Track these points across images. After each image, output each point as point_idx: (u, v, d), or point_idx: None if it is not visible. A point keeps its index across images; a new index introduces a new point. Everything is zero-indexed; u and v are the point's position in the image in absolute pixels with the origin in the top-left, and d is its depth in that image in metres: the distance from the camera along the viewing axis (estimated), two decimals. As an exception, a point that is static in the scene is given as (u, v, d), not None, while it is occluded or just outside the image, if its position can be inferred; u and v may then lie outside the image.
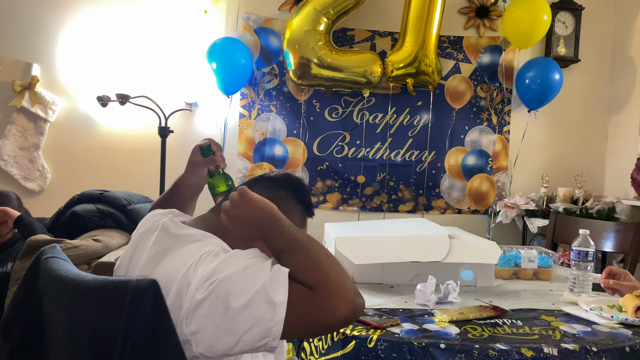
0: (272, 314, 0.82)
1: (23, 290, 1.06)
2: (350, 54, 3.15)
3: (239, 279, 0.84)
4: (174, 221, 1.05)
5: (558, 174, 3.41)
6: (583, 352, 1.19)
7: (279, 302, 0.83)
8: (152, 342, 0.79)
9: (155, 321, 0.79)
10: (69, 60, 3.19)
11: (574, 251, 1.71)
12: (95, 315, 0.86)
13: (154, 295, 0.80)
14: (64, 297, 0.94)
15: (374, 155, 3.39)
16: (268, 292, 0.83)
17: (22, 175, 3.16)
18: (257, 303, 0.83)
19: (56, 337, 0.96)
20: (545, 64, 3.23)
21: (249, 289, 0.83)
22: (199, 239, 0.98)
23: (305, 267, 0.88)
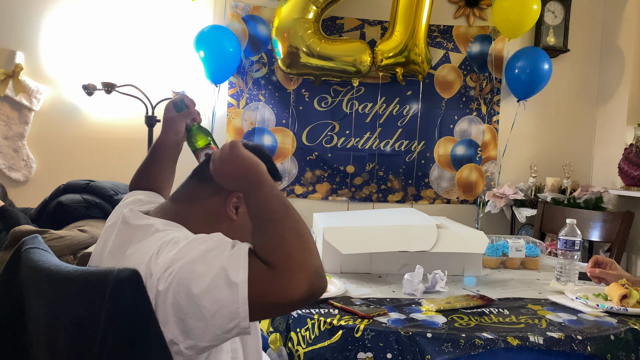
0: (235, 295, 0.81)
1: (4, 281, 1.04)
2: (340, 43, 3.13)
3: (198, 264, 0.83)
4: (134, 211, 1.03)
5: (546, 164, 3.42)
6: (568, 340, 1.20)
7: (240, 282, 0.81)
8: (134, 333, 0.78)
9: (137, 312, 0.78)
10: (53, 48, 3.14)
11: (560, 240, 1.72)
12: (76, 306, 0.85)
13: (136, 286, 0.79)
14: (44, 288, 0.92)
15: (363, 145, 3.37)
16: (227, 273, 0.81)
17: (7, 165, 3.11)
18: (218, 285, 0.81)
19: (37, 328, 0.94)
20: (534, 53, 3.23)
21: (208, 272, 0.82)
22: (160, 228, 0.96)
23: (269, 242, 0.85)
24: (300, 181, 3.36)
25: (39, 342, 0.94)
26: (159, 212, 1.05)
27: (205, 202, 1.04)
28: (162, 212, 1.05)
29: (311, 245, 0.88)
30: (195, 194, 1.05)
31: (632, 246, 3.16)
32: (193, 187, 1.07)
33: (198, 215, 1.03)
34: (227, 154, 0.96)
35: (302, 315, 1.31)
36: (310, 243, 0.88)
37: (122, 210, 1.12)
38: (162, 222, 0.98)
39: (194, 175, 1.09)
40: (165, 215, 1.03)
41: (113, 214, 1.18)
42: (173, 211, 1.04)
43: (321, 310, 1.34)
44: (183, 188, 1.08)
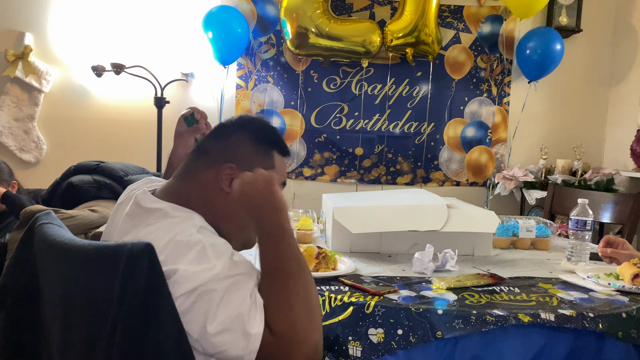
0: (246, 344, 0.83)
1: (18, 256, 1.06)
2: (349, 23, 3.10)
3: (220, 303, 0.83)
4: (146, 193, 1.02)
5: (557, 146, 3.39)
6: (580, 317, 1.19)
7: (254, 334, 0.83)
8: (147, 305, 0.78)
9: (150, 284, 0.79)
10: (62, 29, 3.13)
11: (572, 220, 1.71)
12: (90, 279, 0.85)
13: (149, 259, 0.79)
14: (58, 262, 0.93)
15: (372, 127, 3.36)
16: (244, 322, 0.83)
17: (18, 146, 3.13)
18: (233, 329, 0.82)
19: (51, 302, 0.96)
20: (546, 34, 3.18)
21: (227, 313, 0.82)
22: (170, 214, 0.95)
23: (276, 309, 0.86)
24: (309, 163, 3.36)
25: (54, 317, 0.96)
26: (163, 192, 1.04)
27: (202, 175, 1.02)
28: (166, 191, 1.04)
29: (317, 315, 0.88)
30: (193, 169, 1.04)
31: (643, 228, 3.14)
32: (192, 160, 1.05)
33: (195, 192, 1.01)
34: (262, 188, 0.94)
35: (312, 293, 1.31)
36: (316, 313, 0.88)
37: (133, 188, 1.13)
38: (170, 206, 0.98)
39: (194, 150, 1.08)
40: (169, 196, 1.02)
41: (124, 193, 1.18)
42: (175, 189, 1.03)
43: (332, 287, 1.34)
44: (185, 164, 1.07)
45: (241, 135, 1.04)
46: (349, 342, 1.20)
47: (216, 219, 1.00)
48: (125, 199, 1.12)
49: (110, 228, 1.10)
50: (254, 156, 1.03)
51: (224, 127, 1.07)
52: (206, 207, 0.99)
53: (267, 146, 1.06)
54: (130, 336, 0.78)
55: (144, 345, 0.79)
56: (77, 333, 0.87)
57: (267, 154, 1.06)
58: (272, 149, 1.07)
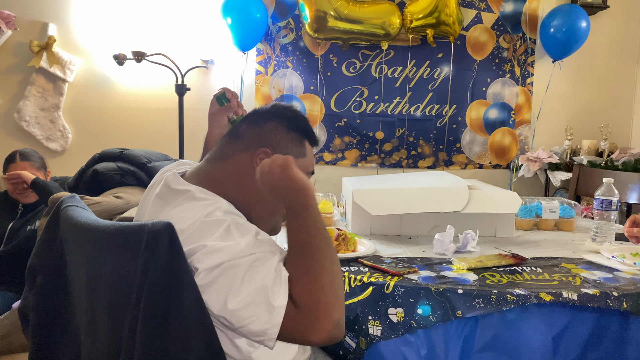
0: (270, 316, 0.83)
1: (45, 238, 1.09)
2: (368, 5, 3.07)
3: (243, 277, 0.84)
4: (176, 176, 1.05)
5: (583, 126, 3.32)
6: (603, 296, 1.18)
7: (278, 306, 0.83)
8: (169, 281, 0.80)
9: (172, 262, 0.80)
10: (84, 19, 3.17)
11: (597, 200, 1.67)
12: (113, 258, 0.88)
13: (170, 237, 0.81)
14: (83, 243, 0.96)
15: (392, 111, 3.33)
16: (268, 294, 0.83)
17: (44, 135, 3.20)
18: (257, 302, 0.83)
19: (78, 281, 0.98)
20: (571, 11, 3.10)
21: (250, 288, 0.83)
22: (197, 196, 0.97)
23: (302, 282, 0.86)
24: (329, 148, 3.36)
25: (80, 296, 0.98)
26: (193, 175, 1.06)
27: (235, 159, 1.04)
28: (196, 174, 1.06)
29: (340, 291, 0.88)
30: (226, 152, 1.05)
31: (672, 209, 3.06)
32: (225, 144, 1.07)
33: (227, 175, 1.03)
34: (278, 173, 0.94)
35: (332, 273, 1.32)
36: (340, 289, 0.88)
37: (165, 172, 1.15)
38: (199, 189, 0.99)
39: (228, 133, 1.09)
40: (199, 178, 1.04)
41: (157, 175, 1.20)
42: (206, 172, 1.05)
43: (351, 268, 1.35)
44: (217, 147, 1.08)
45: (276, 121, 1.06)
46: (368, 322, 1.21)
47: (247, 203, 1.01)
48: (157, 181, 1.14)
49: (141, 209, 1.13)
50: (288, 143, 1.06)
51: (259, 113, 1.09)
52: (237, 190, 1.01)
53: (300, 134, 1.08)
54: (153, 313, 0.80)
55: (167, 322, 0.81)
56: (103, 311, 0.90)
57: (300, 142, 1.08)
58: (305, 138, 1.09)
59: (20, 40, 3.14)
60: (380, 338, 1.19)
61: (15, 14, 3.06)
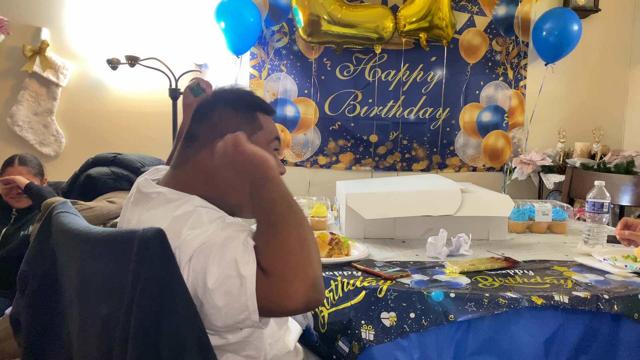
0: (244, 288, 0.82)
1: (37, 244, 1.09)
2: (361, 9, 3.08)
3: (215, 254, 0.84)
4: (147, 180, 1.05)
5: (575, 129, 3.34)
6: (594, 299, 1.18)
7: (248, 275, 0.82)
8: (161, 288, 0.80)
9: (163, 267, 0.80)
10: (78, 23, 3.17)
11: (588, 203, 1.69)
12: (105, 265, 0.87)
13: (160, 243, 0.81)
14: (74, 249, 0.96)
15: (386, 114, 3.34)
16: (238, 265, 0.83)
17: (38, 140, 3.19)
18: (231, 276, 0.82)
19: (69, 287, 0.98)
20: (563, 14, 3.11)
21: (222, 263, 0.83)
22: (170, 197, 0.97)
23: (268, 247, 0.85)
24: (324, 151, 3.36)
25: (72, 302, 0.98)
26: (163, 181, 1.06)
27: (197, 159, 1.03)
28: (165, 180, 1.06)
29: (312, 253, 0.86)
30: (185, 155, 1.05)
31: (664, 211, 3.08)
32: (183, 149, 1.06)
33: (195, 176, 1.03)
34: (232, 151, 0.95)
35: (325, 278, 1.33)
36: (311, 251, 0.86)
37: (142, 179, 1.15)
38: (170, 190, 1.00)
39: (183, 138, 1.08)
40: (169, 184, 1.03)
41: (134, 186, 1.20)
42: (174, 177, 1.05)
43: (344, 272, 1.35)
44: (177, 153, 1.08)
45: (221, 109, 1.05)
46: (361, 326, 1.21)
47: (221, 196, 1.02)
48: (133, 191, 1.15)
49: (121, 219, 1.13)
50: (240, 125, 1.03)
51: (202, 108, 1.07)
52: (208, 187, 1.01)
53: (249, 111, 1.06)
54: (145, 320, 0.80)
55: (159, 328, 0.81)
56: (94, 318, 0.89)
57: (251, 118, 1.06)
58: (255, 112, 1.07)
59: (13, 45, 3.13)
60: (373, 342, 1.19)
61: (8, 18, 3.05)
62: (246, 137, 0.98)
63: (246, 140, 0.97)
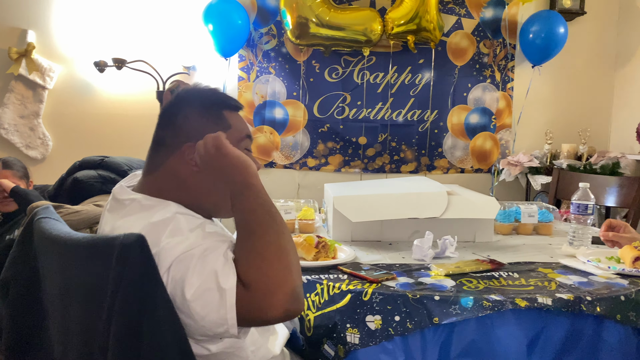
0: (223, 300, 0.82)
1: (19, 250, 1.08)
2: (349, 12, 3.08)
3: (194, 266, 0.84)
4: (122, 187, 1.04)
5: (562, 130, 3.37)
6: (577, 301, 1.19)
7: (227, 288, 0.82)
8: (142, 293, 0.80)
9: (144, 274, 0.80)
10: (64, 25, 3.15)
11: (573, 205, 1.70)
12: (86, 271, 0.87)
13: (141, 250, 0.81)
14: (56, 255, 0.95)
15: (375, 116, 3.35)
16: (218, 278, 0.82)
17: (24, 143, 3.17)
18: (210, 288, 0.82)
19: (51, 293, 0.98)
20: (549, 17, 3.14)
21: (202, 275, 0.83)
22: (144, 204, 0.97)
23: (248, 258, 0.85)
24: (313, 154, 3.36)
25: (54, 307, 0.98)
26: (137, 189, 1.05)
27: (166, 165, 1.01)
28: (139, 188, 1.04)
29: (291, 263, 0.86)
30: (155, 162, 1.03)
31: (649, 211, 3.11)
32: (152, 155, 1.04)
33: (166, 181, 1.01)
34: (214, 152, 0.94)
35: (311, 281, 1.33)
36: (290, 261, 0.86)
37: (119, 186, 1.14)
38: (144, 197, 0.99)
39: (151, 144, 1.06)
40: (143, 190, 1.02)
41: None
42: (147, 184, 1.03)
43: (330, 275, 1.35)
44: (147, 160, 1.06)
45: (185, 111, 1.02)
46: (347, 329, 1.21)
47: (196, 200, 1.01)
48: None
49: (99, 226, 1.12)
50: (206, 126, 1.01)
51: (167, 111, 1.05)
52: (182, 191, 1.00)
53: (215, 110, 1.04)
54: (126, 325, 0.80)
55: (140, 334, 0.80)
56: (76, 323, 0.89)
57: (217, 118, 1.03)
58: (221, 110, 1.05)
59: (-2, 47, 3.11)
60: (358, 346, 1.19)
61: (-6, 20, 3.03)
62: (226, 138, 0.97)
63: (227, 142, 0.95)
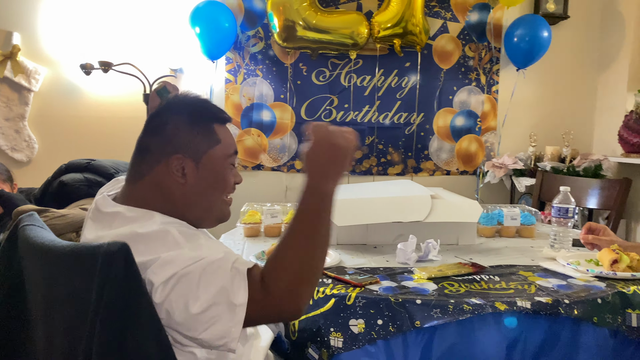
0: (232, 315, 0.83)
1: (3, 257, 1.08)
2: (336, 15, 3.10)
3: (199, 281, 0.84)
4: (105, 198, 1.03)
5: (546, 133, 3.41)
6: (555, 304, 1.22)
7: (239, 304, 0.83)
8: (125, 302, 0.80)
9: (127, 283, 0.81)
10: (50, 27, 3.13)
11: (554, 208, 1.73)
12: (69, 279, 0.88)
13: (125, 258, 0.81)
14: (40, 263, 0.96)
15: (362, 119, 3.37)
16: (229, 294, 0.84)
17: (9, 146, 3.15)
18: (218, 303, 0.83)
19: (35, 300, 0.98)
20: (533, 21, 3.18)
21: (209, 291, 0.83)
22: (128, 216, 0.96)
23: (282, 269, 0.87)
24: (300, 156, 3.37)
25: (38, 314, 0.98)
26: (121, 197, 1.04)
27: (152, 175, 1.00)
28: (122, 196, 1.03)
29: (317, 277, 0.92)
30: (140, 170, 1.02)
31: (630, 213, 3.17)
32: (137, 162, 1.03)
33: (151, 191, 1.01)
34: (325, 143, 0.95)
35: (296, 286, 1.34)
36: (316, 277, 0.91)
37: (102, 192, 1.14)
38: (127, 209, 0.98)
39: (136, 149, 1.04)
40: (125, 200, 1.02)
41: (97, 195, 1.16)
42: (130, 194, 1.02)
43: (315, 280, 1.37)
44: (131, 166, 1.04)
45: (176, 121, 1.01)
46: (330, 334, 1.23)
47: (180, 210, 1.01)
48: None
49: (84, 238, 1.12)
50: (196, 139, 1.01)
51: (156, 118, 1.03)
52: (166, 202, 1.00)
53: (205, 123, 1.03)
54: (110, 334, 0.81)
55: (124, 342, 0.81)
56: (59, 331, 0.90)
57: (207, 131, 1.03)
58: (211, 124, 1.04)
59: (-17, 49, 3.08)
60: (341, 350, 1.21)
61: (-22, 22, 3.01)
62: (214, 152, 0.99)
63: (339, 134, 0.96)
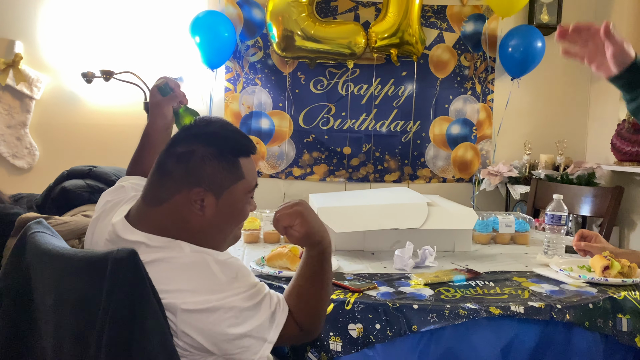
0: (261, 349, 0.97)
1: (11, 263, 1.11)
2: (334, 25, 3.16)
3: (239, 313, 0.95)
4: (125, 223, 1.02)
5: (540, 141, 3.46)
6: (548, 309, 1.26)
7: (270, 341, 0.98)
8: (133, 308, 0.84)
9: (135, 289, 0.84)
10: (52, 36, 3.17)
11: (547, 215, 1.77)
12: (78, 285, 0.91)
13: (134, 265, 0.85)
14: (50, 269, 0.99)
15: (359, 127, 3.42)
16: (264, 331, 0.98)
17: (11, 153, 3.17)
18: (254, 336, 0.96)
19: (44, 306, 1.01)
20: (528, 31, 3.25)
21: (249, 323, 0.96)
22: (154, 246, 0.97)
23: (310, 311, 1.07)
24: (298, 163, 3.42)
25: (46, 320, 1.01)
26: (136, 219, 1.03)
27: (171, 203, 1.00)
28: (138, 218, 1.03)
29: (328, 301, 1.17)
30: (160, 194, 1.01)
31: (623, 220, 3.22)
32: (157, 185, 1.02)
33: (169, 220, 1.01)
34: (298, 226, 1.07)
35: (296, 291, 1.37)
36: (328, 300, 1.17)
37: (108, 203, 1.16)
38: (148, 237, 0.99)
39: (156, 169, 1.03)
40: (143, 224, 1.01)
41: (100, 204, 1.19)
42: (148, 218, 1.02)
43: (314, 285, 1.40)
44: (150, 185, 1.04)
45: (203, 153, 0.99)
46: (330, 337, 1.26)
47: (196, 239, 1.01)
48: (102, 213, 1.14)
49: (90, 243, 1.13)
50: (221, 174, 1.00)
51: (182, 144, 1.01)
52: (183, 232, 1.00)
53: (232, 156, 1.02)
54: (117, 340, 0.84)
55: (130, 348, 0.85)
56: (68, 337, 0.93)
57: (233, 166, 1.02)
58: (237, 157, 1.03)
59: (-15, 58, 3.12)
60: (340, 353, 1.24)
61: (-19, 31, 3.05)
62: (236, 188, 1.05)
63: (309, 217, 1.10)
